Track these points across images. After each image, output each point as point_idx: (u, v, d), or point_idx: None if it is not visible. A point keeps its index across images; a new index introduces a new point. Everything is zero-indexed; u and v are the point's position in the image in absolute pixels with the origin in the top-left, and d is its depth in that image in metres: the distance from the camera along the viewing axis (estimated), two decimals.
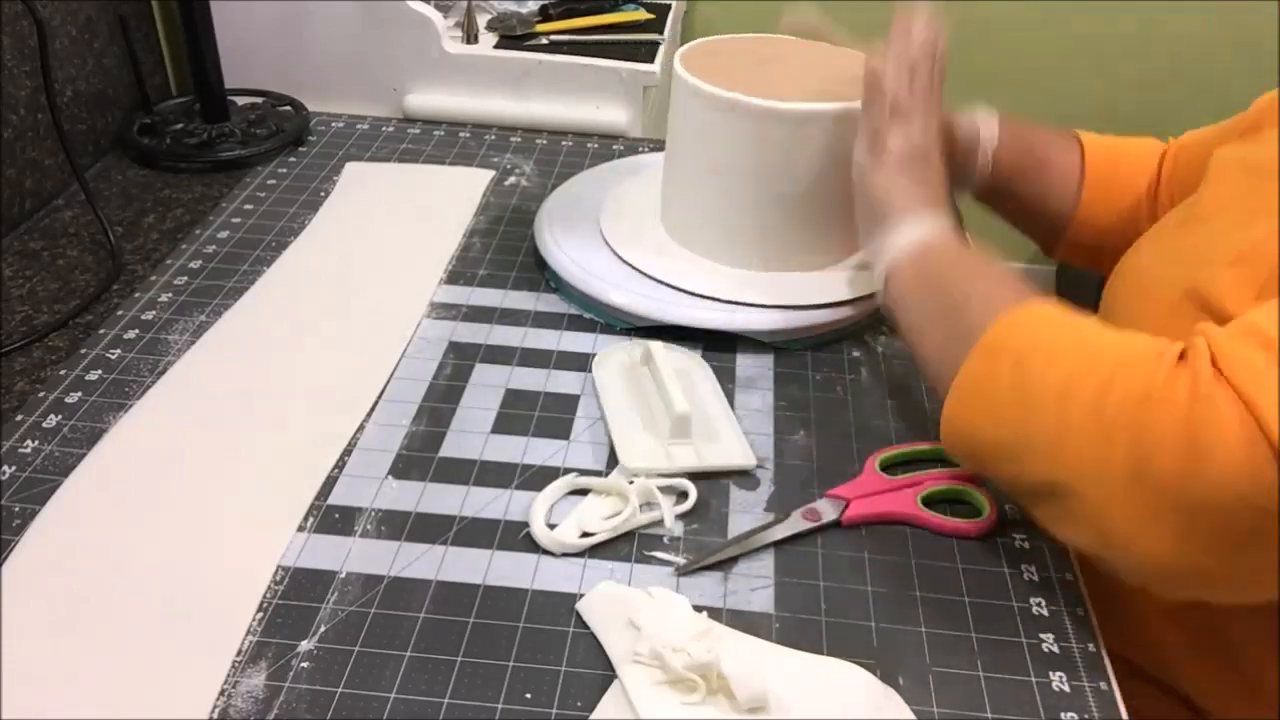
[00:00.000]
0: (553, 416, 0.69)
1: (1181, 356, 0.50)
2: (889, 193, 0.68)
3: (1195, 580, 0.51)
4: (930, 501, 0.63)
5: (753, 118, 0.73)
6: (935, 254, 0.64)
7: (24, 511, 0.59)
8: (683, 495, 0.63)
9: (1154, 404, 0.48)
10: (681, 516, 0.61)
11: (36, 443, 0.64)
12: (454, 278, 0.83)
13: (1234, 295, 0.58)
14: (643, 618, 0.53)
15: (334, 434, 0.66)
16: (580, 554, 0.59)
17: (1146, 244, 0.73)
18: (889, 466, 0.65)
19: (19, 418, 0.66)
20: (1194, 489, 0.47)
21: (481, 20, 1.14)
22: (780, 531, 0.60)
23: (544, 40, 1.14)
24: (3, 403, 0.68)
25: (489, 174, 0.99)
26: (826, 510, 0.61)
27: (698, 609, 0.55)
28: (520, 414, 0.69)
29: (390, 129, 1.07)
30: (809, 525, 0.61)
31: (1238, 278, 0.59)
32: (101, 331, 0.75)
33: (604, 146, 1.04)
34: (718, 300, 0.76)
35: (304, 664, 0.52)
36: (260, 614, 0.54)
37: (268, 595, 0.55)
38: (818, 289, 0.77)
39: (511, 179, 0.99)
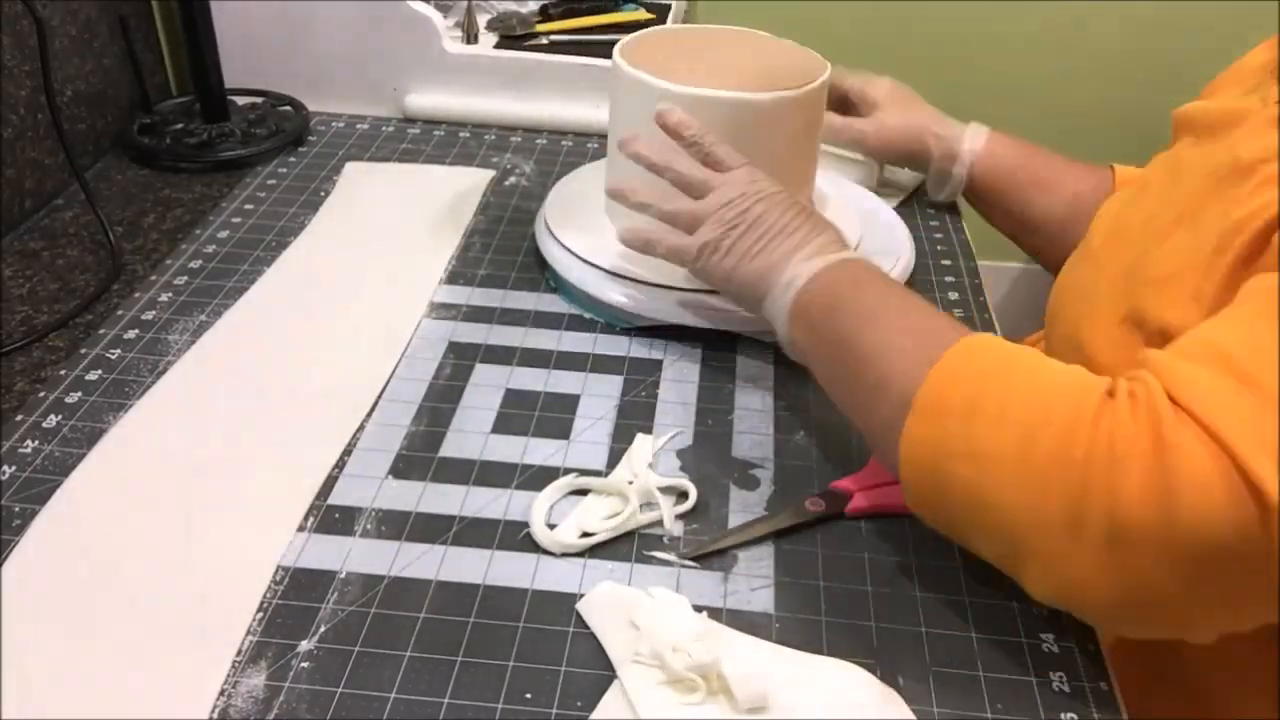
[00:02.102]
0: (553, 416, 0.69)
1: (1111, 394, 0.48)
2: (746, 269, 0.66)
3: (1173, 625, 0.49)
4: None
5: (695, 107, 0.73)
6: (823, 303, 0.62)
7: (24, 511, 0.59)
8: (683, 495, 0.63)
9: (1118, 461, 0.45)
10: (681, 516, 0.61)
11: (36, 443, 0.64)
12: (454, 278, 0.83)
13: (1174, 311, 0.57)
14: (643, 618, 0.53)
15: (334, 434, 0.66)
16: (580, 554, 0.59)
17: (1081, 261, 0.71)
18: None
19: (19, 418, 0.66)
20: (1174, 543, 0.44)
21: (481, 20, 1.14)
22: (786, 520, 0.61)
23: (544, 40, 1.14)
24: (3, 403, 0.68)
25: (489, 174, 0.99)
26: (831, 501, 0.62)
27: (698, 609, 0.55)
28: (520, 414, 0.69)
29: (390, 129, 1.07)
30: (815, 513, 0.61)
31: (1172, 296, 0.57)
32: (101, 331, 0.75)
33: (604, 146, 1.04)
34: (716, 298, 0.76)
35: (304, 664, 0.52)
36: (260, 614, 0.54)
37: (268, 595, 0.55)
38: None
39: (511, 179, 0.99)
